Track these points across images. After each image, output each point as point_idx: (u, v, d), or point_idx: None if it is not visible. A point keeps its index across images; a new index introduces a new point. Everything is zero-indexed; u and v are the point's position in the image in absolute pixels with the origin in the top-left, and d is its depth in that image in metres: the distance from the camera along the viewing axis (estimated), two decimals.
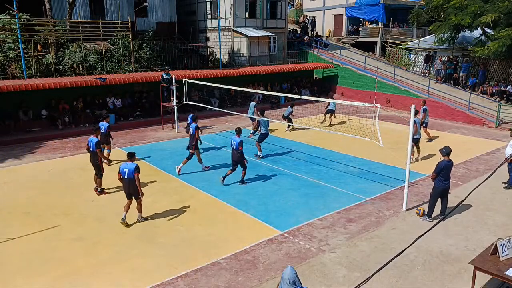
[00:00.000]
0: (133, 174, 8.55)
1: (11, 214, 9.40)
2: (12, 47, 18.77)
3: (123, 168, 8.65)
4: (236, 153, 10.90)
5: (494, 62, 22.36)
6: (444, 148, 8.91)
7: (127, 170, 8.60)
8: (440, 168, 8.72)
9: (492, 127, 18.50)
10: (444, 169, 8.73)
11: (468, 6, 21.35)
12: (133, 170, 8.56)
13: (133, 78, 18.86)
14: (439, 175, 8.76)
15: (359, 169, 12.69)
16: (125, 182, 8.71)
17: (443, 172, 8.74)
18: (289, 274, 4.45)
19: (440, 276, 6.97)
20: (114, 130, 17.80)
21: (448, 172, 8.83)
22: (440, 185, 8.83)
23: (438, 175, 8.76)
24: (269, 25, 28.14)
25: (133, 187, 8.67)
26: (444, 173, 8.75)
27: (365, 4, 31.41)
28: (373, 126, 11.23)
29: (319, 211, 9.56)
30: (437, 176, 8.78)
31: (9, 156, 14.02)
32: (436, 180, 8.85)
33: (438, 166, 8.76)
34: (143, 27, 25.49)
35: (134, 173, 8.55)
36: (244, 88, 17.00)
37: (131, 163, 8.67)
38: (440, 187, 8.85)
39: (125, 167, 8.64)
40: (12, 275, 7.01)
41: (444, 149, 8.89)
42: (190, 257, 7.55)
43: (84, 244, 8.05)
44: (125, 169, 8.63)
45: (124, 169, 8.64)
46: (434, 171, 8.83)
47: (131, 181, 8.62)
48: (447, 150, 8.84)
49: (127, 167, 8.64)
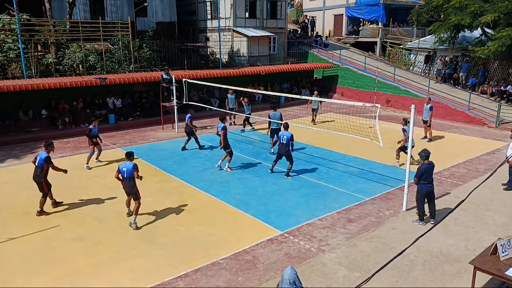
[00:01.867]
0: (132, 172, 8.63)
1: (11, 214, 9.40)
2: (12, 47, 18.78)
3: (122, 167, 8.73)
4: (285, 147, 11.52)
5: (494, 62, 22.36)
6: (423, 151, 8.77)
7: (126, 169, 8.67)
8: (421, 172, 8.57)
9: (492, 127, 18.50)
10: (425, 173, 8.58)
11: (468, 6, 21.35)
12: (131, 169, 8.64)
13: (133, 78, 18.87)
14: (421, 179, 8.62)
15: (359, 169, 12.68)
16: (125, 181, 8.76)
17: (425, 175, 8.59)
18: (289, 274, 4.44)
19: (440, 276, 6.97)
20: (114, 130, 17.90)
21: (430, 175, 8.69)
22: (423, 189, 8.68)
23: (420, 179, 8.62)
24: (269, 25, 28.14)
25: (130, 187, 8.76)
26: (426, 176, 8.60)
27: (365, 4, 31.41)
28: (373, 126, 11.24)
29: (319, 211, 9.56)
30: (419, 180, 8.64)
31: (9, 156, 14.02)
32: (418, 184, 8.71)
33: (419, 170, 8.61)
34: (143, 27, 25.49)
35: (133, 171, 8.62)
36: (244, 88, 17.01)
37: (129, 162, 8.74)
38: (424, 190, 8.69)
39: (124, 166, 8.71)
40: (12, 275, 7.01)
41: (423, 152, 8.75)
42: (190, 257, 7.54)
43: (84, 244, 8.05)
44: (124, 168, 8.70)
45: (123, 168, 8.71)
46: (416, 175, 8.68)
47: (131, 179, 8.69)
48: (426, 154, 8.70)
49: (125, 166, 8.71)
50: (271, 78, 24.96)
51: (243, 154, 14.16)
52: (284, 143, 11.53)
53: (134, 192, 8.81)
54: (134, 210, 8.80)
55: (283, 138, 11.55)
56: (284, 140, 11.52)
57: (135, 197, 8.84)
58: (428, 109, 15.64)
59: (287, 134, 11.54)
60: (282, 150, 11.67)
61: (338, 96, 26.50)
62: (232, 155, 12.47)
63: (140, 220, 9.10)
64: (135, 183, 8.76)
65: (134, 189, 8.79)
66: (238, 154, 14.24)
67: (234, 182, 11.50)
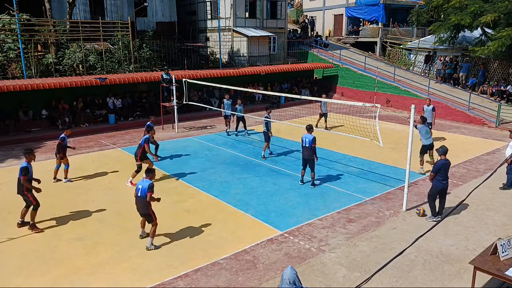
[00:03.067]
0: (145, 193, 7.59)
1: (11, 214, 9.39)
2: (12, 47, 18.78)
3: (139, 184, 7.79)
4: (308, 150, 10.74)
5: (494, 62, 22.36)
6: (441, 148, 8.96)
7: (141, 187, 7.67)
8: (437, 168, 8.74)
9: (492, 127, 18.50)
10: (442, 169, 8.74)
11: (468, 6, 21.37)
12: (146, 188, 7.57)
13: (133, 78, 18.86)
14: (437, 174, 8.77)
15: (359, 169, 12.68)
16: (137, 201, 7.79)
17: (441, 171, 8.74)
18: (289, 274, 4.44)
19: (440, 276, 6.97)
20: (114, 130, 17.90)
21: (446, 172, 8.84)
22: (438, 185, 8.83)
23: (436, 174, 8.77)
24: (269, 25, 28.14)
25: (144, 207, 7.75)
26: (442, 172, 8.75)
27: (365, 4, 31.42)
28: (373, 126, 11.24)
29: (319, 211, 9.56)
30: (435, 175, 8.78)
31: (9, 156, 14.02)
32: (434, 180, 8.85)
33: (436, 166, 8.78)
34: (143, 27, 25.49)
35: (147, 192, 7.57)
36: (244, 88, 17.00)
37: (147, 180, 7.70)
38: (438, 187, 8.85)
39: (140, 184, 7.75)
40: (12, 275, 7.01)
41: (441, 148, 8.94)
42: (190, 257, 7.54)
43: (84, 244, 8.05)
44: (139, 186, 7.72)
45: (139, 185, 7.75)
46: (432, 170, 8.85)
47: (142, 200, 7.67)
48: (444, 150, 8.88)
49: (141, 184, 7.73)
50: (271, 78, 24.96)
51: (243, 154, 14.16)
52: (307, 146, 10.77)
53: (148, 213, 7.80)
54: (150, 233, 7.87)
55: (306, 141, 10.79)
56: (307, 143, 10.76)
57: (149, 219, 7.85)
58: (431, 110, 14.77)
59: (309, 137, 10.72)
60: (305, 154, 10.94)
61: (338, 96, 26.50)
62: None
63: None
64: (150, 204, 7.76)
65: (149, 211, 7.77)
66: (238, 154, 14.26)
67: (234, 182, 11.50)
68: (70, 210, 9.65)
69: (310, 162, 10.95)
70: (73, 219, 9.18)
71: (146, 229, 8.22)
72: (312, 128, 11.01)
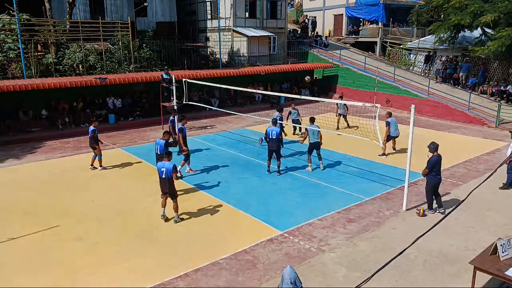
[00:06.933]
0: (170, 174, 8.68)
1: (11, 214, 9.39)
2: (12, 47, 18.76)
3: (161, 167, 8.78)
4: (275, 142, 11.69)
5: (494, 62, 22.36)
6: (432, 144, 9.27)
7: (165, 169, 8.70)
8: (432, 164, 9.10)
9: (492, 127, 18.50)
10: (436, 164, 9.10)
11: (468, 6, 21.36)
12: (170, 169, 8.67)
13: (133, 78, 18.86)
14: (432, 170, 9.11)
15: (359, 169, 12.68)
16: (162, 181, 8.87)
17: (435, 167, 9.11)
18: (290, 274, 4.45)
19: (440, 276, 6.97)
20: (114, 130, 17.89)
21: (439, 167, 9.22)
22: (433, 180, 9.24)
23: (431, 171, 9.11)
24: (269, 25, 28.13)
25: (170, 187, 8.84)
26: (436, 168, 9.12)
27: (365, 4, 31.41)
28: (373, 126, 11.24)
29: (319, 211, 9.56)
30: (430, 172, 9.12)
31: (9, 156, 14.02)
32: (428, 175, 9.20)
33: (430, 162, 9.13)
34: (143, 27, 25.48)
35: (172, 173, 8.67)
36: (244, 88, 16.99)
37: (169, 163, 8.76)
38: (434, 181, 9.25)
39: (163, 166, 8.74)
40: (12, 275, 7.01)
41: (432, 145, 9.26)
42: (190, 257, 7.54)
43: (84, 244, 8.04)
44: (162, 168, 8.74)
45: (161, 168, 8.75)
46: (427, 167, 9.16)
47: (169, 180, 8.76)
48: (435, 146, 9.23)
49: (164, 166, 8.73)
50: (271, 78, 24.96)
51: (243, 154, 14.16)
52: (274, 138, 11.67)
53: (172, 191, 8.90)
54: (174, 209, 8.96)
55: (272, 134, 11.67)
56: (274, 136, 11.65)
57: (172, 196, 8.93)
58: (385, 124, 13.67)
59: (276, 130, 11.69)
60: (271, 146, 11.82)
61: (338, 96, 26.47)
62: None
63: (140, 220, 9.12)
64: (173, 183, 8.83)
65: (173, 189, 8.90)
66: (238, 154, 14.26)
67: (234, 182, 11.50)
68: (70, 210, 9.65)
69: (276, 152, 11.88)
70: (73, 219, 9.17)
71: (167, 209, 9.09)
72: (277, 122, 12.26)
